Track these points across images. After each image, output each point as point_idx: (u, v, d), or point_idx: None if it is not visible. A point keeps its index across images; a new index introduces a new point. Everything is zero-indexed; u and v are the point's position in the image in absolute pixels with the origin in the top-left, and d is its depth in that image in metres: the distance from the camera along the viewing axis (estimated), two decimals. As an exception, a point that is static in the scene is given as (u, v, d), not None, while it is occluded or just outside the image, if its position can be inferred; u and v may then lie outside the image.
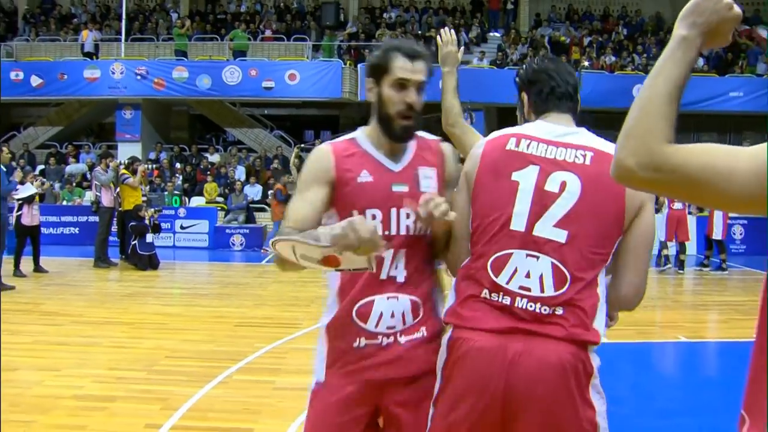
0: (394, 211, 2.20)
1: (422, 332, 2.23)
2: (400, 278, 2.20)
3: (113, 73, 18.84)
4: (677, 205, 12.56)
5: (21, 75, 19.04)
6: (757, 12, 23.13)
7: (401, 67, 2.19)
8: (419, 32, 21.90)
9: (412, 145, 2.30)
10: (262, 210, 17.03)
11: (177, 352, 6.48)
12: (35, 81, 19.04)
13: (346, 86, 18.87)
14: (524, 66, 2.44)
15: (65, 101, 20.46)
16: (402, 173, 2.25)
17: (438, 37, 3.05)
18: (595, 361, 2.07)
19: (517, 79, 2.42)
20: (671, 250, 13.17)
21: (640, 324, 7.75)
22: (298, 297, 9.62)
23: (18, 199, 10.69)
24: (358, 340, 2.20)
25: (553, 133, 2.18)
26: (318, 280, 11.57)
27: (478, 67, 19.70)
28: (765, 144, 1.37)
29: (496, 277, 2.05)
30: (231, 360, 6.16)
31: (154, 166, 18.16)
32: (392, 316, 2.19)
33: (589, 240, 2.05)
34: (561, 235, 2.04)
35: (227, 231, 15.61)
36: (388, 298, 2.20)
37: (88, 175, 17.70)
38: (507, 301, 2.04)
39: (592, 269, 2.05)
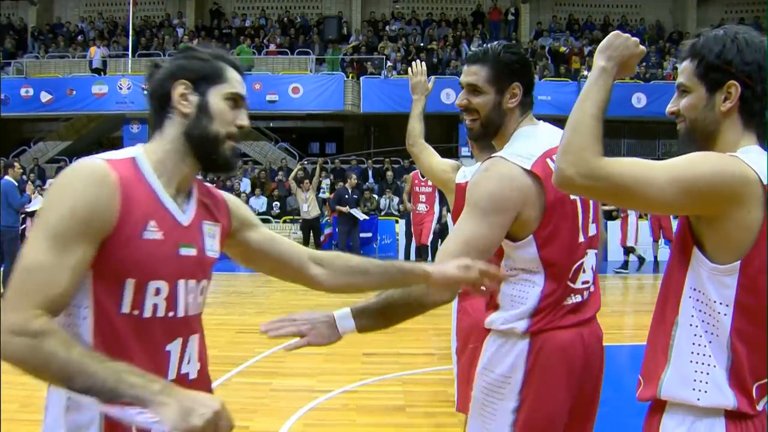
0: (181, 284, 1.67)
1: None
2: (193, 374, 1.74)
3: (120, 88, 19.25)
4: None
5: (31, 91, 19.48)
6: (756, 19, 23.38)
7: (238, 80, 1.76)
8: (421, 44, 22.25)
9: (193, 188, 1.80)
10: (267, 221, 17.32)
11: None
12: (45, 97, 19.47)
13: (348, 99, 19.22)
14: (508, 49, 2.31)
15: (74, 116, 20.88)
16: (190, 229, 1.72)
17: (409, 68, 3.48)
18: None
19: (512, 63, 2.28)
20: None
21: (633, 327, 8.00)
22: (300, 305, 9.86)
23: (28, 212, 11.03)
24: None
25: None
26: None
27: (479, 77, 20.00)
28: (679, 157, 1.69)
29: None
30: (232, 364, 6.44)
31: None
32: None
33: None
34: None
35: (232, 242, 15.92)
36: None
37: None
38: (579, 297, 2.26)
39: None
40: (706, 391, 1.64)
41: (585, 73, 20.07)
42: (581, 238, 2.22)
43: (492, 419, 2.22)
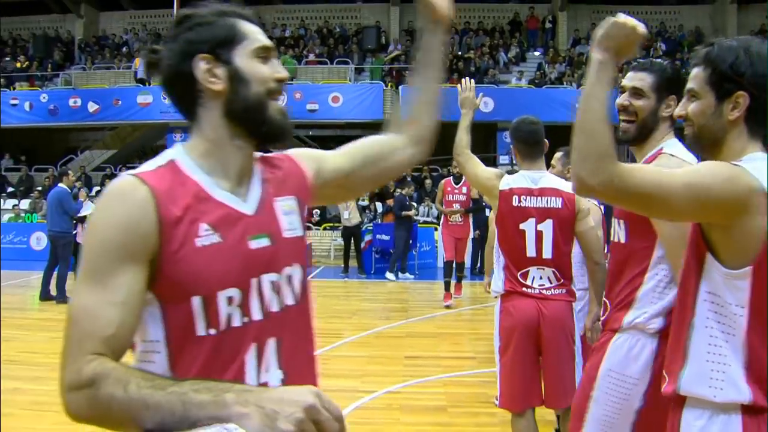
0: (255, 283, 1.46)
1: None
2: (274, 383, 1.47)
3: (164, 98, 19.51)
4: None
5: (79, 101, 20.05)
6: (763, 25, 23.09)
7: (257, 31, 1.55)
8: (459, 53, 22.41)
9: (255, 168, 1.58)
10: (308, 228, 17.57)
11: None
12: (92, 107, 20.02)
13: (387, 107, 19.43)
14: (673, 65, 2.62)
15: (119, 125, 21.43)
16: (259, 215, 1.51)
17: (459, 85, 3.72)
18: None
19: (675, 77, 2.55)
20: None
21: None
22: (342, 309, 10.11)
23: (79, 218, 11.43)
24: None
25: None
26: (360, 294, 12.08)
27: (516, 86, 20.10)
28: (692, 167, 1.81)
29: None
30: (278, 365, 6.65)
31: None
32: None
33: None
34: None
35: (274, 248, 16.20)
36: None
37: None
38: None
39: None
40: (722, 389, 1.73)
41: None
42: None
43: (615, 419, 2.36)
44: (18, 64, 22.75)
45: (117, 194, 1.37)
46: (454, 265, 10.49)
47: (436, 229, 15.53)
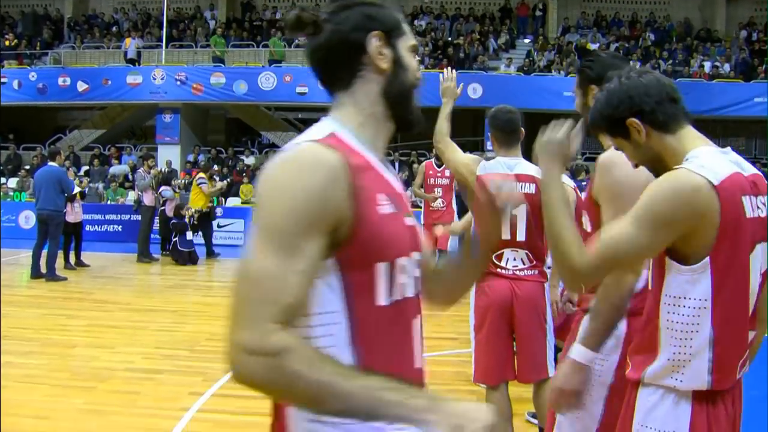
0: (412, 258, 1.52)
1: None
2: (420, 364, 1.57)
3: (154, 78, 19.72)
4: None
5: (68, 80, 20.01)
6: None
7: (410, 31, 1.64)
8: (449, 39, 22.50)
9: None
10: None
11: (216, 336, 7.15)
12: (81, 86, 19.99)
13: (376, 91, 19.52)
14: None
15: (108, 105, 21.43)
16: (404, 196, 1.59)
17: (441, 74, 3.88)
18: None
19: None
20: None
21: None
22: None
23: (70, 197, 11.54)
24: None
25: None
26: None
27: (505, 73, 20.23)
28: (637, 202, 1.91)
29: None
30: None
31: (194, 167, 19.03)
32: None
33: None
34: None
35: (262, 230, 16.34)
36: None
37: (130, 176, 18.69)
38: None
39: None
40: (683, 380, 1.87)
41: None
42: None
43: (589, 393, 2.46)
44: (6, 42, 22.64)
45: (310, 162, 1.35)
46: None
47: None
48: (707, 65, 20.56)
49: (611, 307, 2.30)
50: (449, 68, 4.12)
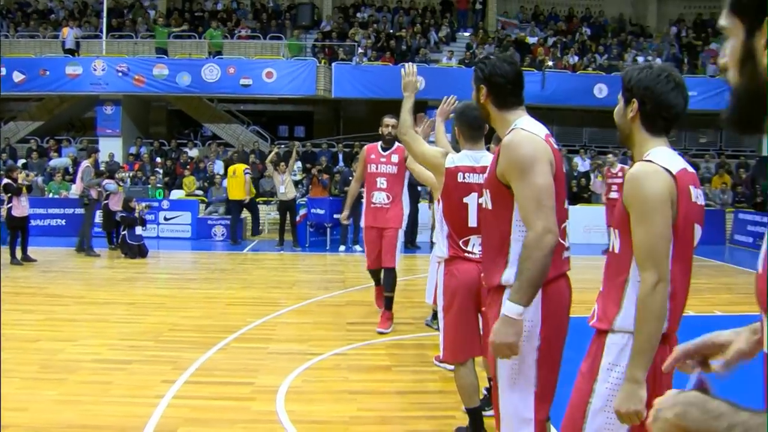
0: None
1: None
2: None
3: (95, 69, 19.38)
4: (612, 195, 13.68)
5: (3, 71, 19.48)
6: (713, 15, 24.34)
7: None
8: (391, 31, 22.75)
9: None
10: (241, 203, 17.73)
11: (178, 326, 7.30)
12: (17, 77, 19.49)
13: (320, 83, 19.63)
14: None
15: (46, 96, 20.96)
16: None
17: (402, 70, 4.11)
18: None
19: None
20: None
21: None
22: (281, 281, 10.45)
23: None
24: None
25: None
26: (297, 266, 12.42)
27: (447, 65, 20.60)
28: (638, 209, 2.34)
29: None
30: (227, 332, 6.99)
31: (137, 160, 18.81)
32: None
33: None
34: None
35: (209, 222, 16.34)
36: None
37: (71, 169, 18.38)
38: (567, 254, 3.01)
39: None
40: None
41: (549, 63, 20.79)
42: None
43: (522, 356, 2.81)
44: (-64, 31, 21.91)
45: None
46: (381, 276, 7.39)
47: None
48: (640, 59, 21.35)
49: (534, 264, 2.63)
50: (410, 63, 4.32)
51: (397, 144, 7.19)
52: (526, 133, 2.83)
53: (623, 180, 2.41)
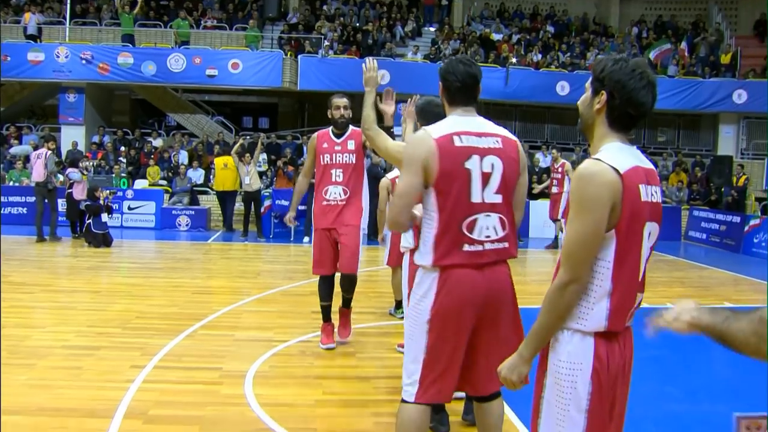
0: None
1: None
2: None
3: (58, 56, 19.18)
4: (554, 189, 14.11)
5: (-38, 55, 19.21)
6: (673, 17, 24.89)
7: None
8: (357, 25, 22.87)
9: None
10: (205, 193, 17.77)
11: (145, 314, 7.40)
12: (-23, 62, 19.24)
13: (286, 76, 19.69)
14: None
15: (7, 83, 20.67)
16: None
17: (363, 65, 4.25)
18: None
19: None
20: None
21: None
22: (246, 270, 10.59)
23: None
24: None
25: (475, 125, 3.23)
26: (261, 256, 12.54)
27: (412, 60, 20.81)
28: (573, 207, 2.40)
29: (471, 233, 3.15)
30: (193, 319, 7.12)
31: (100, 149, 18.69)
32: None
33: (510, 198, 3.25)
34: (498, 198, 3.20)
35: (173, 212, 16.35)
36: None
37: (31, 157, 18.20)
38: (480, 247, 3.16)
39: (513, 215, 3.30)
40: (586, 326, 2.41)
41: (513, 60, 21.12)
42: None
43: (415, 329, 3.20)
44: None
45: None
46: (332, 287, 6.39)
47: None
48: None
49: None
50: (371, 58, 4.44)
51: (352, 128, 6.17)
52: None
53: (561, 175, 2.58)
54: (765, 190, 20.23)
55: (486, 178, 3.14)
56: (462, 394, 4.28)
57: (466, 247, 3.13)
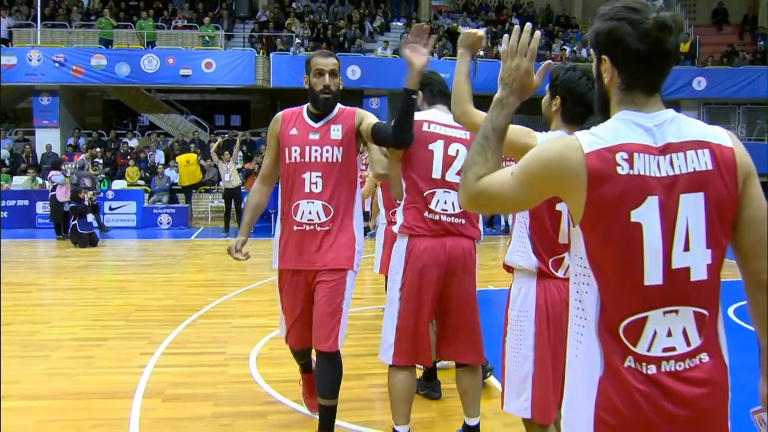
0: None
1: None
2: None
3: (30, 60, 19.29)
4: None
5: (-68, 60, 19.22)
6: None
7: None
8: (326, 21, 23.22)
9: None
10: (182, 191, 18.06)
11: (144, 307, 7.78)
12: (-52, 67, 19.26)
13: (259, 74, 20.02)
14: None
15: (-22, 87, 20.71)
16: None
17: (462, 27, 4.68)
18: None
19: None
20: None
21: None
22: (233, 264, 10.95)
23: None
24: None
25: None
26: (246, 250, 12.88)
27: (382, 55, 21.23)
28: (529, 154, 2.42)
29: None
30: (191, 310, 7.52)
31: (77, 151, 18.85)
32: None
33: None
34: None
35: (155, 211, 16.65)
36: None
37: (7, 162, 18.39)
38: (437, 217, 3.71)
39: None
40: (521, 261, 3.03)
41: (481, 53, 21.58)
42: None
43: (391, 291, 3.83)
44: None
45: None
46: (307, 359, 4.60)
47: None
48: (567, 50, 22.42)
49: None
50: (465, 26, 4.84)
51: (340, 106, 3.87)
52: None
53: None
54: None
55: (449, 161, 3.69)
56: (450, 363, 4.76)
57: (428, 215, 3.72)
